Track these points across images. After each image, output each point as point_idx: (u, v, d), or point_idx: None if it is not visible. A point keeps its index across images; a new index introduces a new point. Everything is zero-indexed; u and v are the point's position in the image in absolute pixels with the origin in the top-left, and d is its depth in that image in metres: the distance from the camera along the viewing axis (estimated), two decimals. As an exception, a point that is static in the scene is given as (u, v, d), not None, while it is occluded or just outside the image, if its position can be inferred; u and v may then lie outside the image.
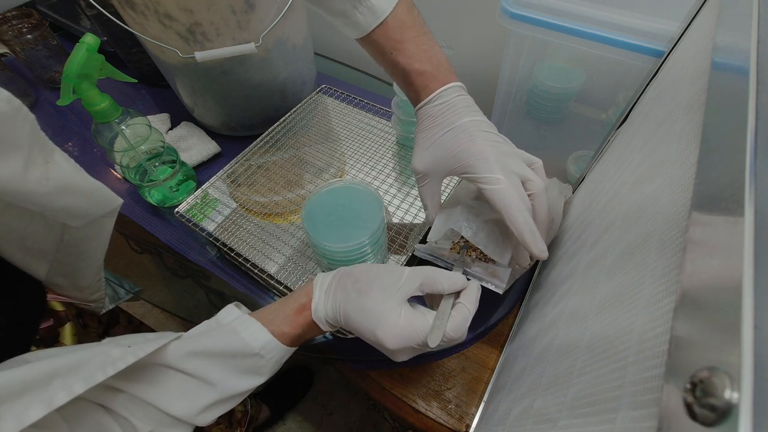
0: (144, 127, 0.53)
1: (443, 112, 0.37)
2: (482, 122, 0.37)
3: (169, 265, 0.55)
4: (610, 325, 0.21)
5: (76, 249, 0.40)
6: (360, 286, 0.32)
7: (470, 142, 0.35)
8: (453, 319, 0.31)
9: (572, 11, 0.42)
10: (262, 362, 0.31)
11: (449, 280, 0.33)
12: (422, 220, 0.53)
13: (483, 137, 0.35)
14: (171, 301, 0.52)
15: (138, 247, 0.57)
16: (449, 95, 0.37)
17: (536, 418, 0.26)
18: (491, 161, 0.34)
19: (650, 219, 0.22)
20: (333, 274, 0.34)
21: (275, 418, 1.02)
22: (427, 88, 0.38)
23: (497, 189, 0.33)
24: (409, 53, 0.38)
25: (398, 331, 0.30)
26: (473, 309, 0.32)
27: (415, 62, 0.38)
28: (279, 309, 0.33)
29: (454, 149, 0.36)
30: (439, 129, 0.37)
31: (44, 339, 0.41)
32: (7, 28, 0.70)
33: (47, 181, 0.28)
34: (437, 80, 0.38)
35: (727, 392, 0.10)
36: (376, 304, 0.31)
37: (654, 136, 0.29)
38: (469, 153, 0.35)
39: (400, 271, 0.32)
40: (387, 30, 0.38)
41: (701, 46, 0.27)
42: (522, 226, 0.33)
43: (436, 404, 0.43)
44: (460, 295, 0.33)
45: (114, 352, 0.26)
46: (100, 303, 0.49)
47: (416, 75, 0.38)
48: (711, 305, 0.12)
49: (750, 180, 0.13)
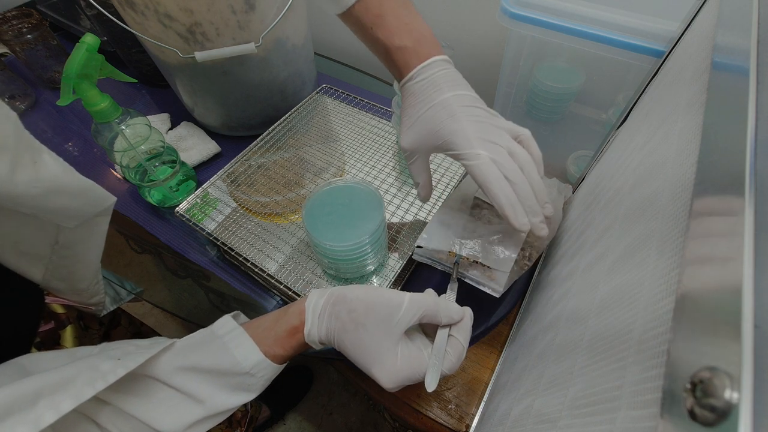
0: (144, 127, 0.53)
1: (425, 89, 0.36)
2: (464, 96, 0.36)
3: (169, 265, 0.55)
4: (610, 325, 0.21)
5: (71, 251, 0.39)
6: (355, 317, 0.30)
7: (450, 119, 0.35)
8: (449, 358, 0.31)
9: (572, 11, 0.42)
10: (252, 380, 0.31)
11: (447, 313, 0.32)
12: (422, 220, 0.53)
13: (464, 113, 0.35)
14: (171, 301, 0.52)
15: (138, 247, 0.57)
16: (430, 71, 0.37)
17: (536, 418, 0.26)
18: (470, 137, 0.34)
19: (650, 219, 0.22)
20: (327, 296, 0.32)
21: (275, 418, 1.02)
22: (408, 64, 0.37)
23: (476, 164, 0.33)
24: (389, 28, 0.37)
25: (395, 371, 0.29)
26: (467, 345, 0.32)
27: (395, 37, 0.37)
28: (271, 328, 0.32)
29: (435, 127, 0.36)
30: (421, 106, 0.36)
31: (45, 342, 0.41)
32: (7, 28, 0.70)
33: (37, 182, 0.28)
34: (418, 56, 0.37)
35: (727, 392, 0.10)
36: (372, 341, 0.30)
37: (654, 136, 0.29)
38: (449, 130, 0.35)
39: (398, 300, 0.31)
40: (367, 4, 0.37)
41: (701, 46, 0.27)
42: (501, 199, 0.33)
43: (436, 404, 0.43)
44: (455, 329, 0.32)
45: (103, 366, 0.25)
46: (100, 306, 0.48)
47: (396, 51, 0.37)
48: (711, 305, 0.12)
49: (750, 180, 0.13)
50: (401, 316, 0.30)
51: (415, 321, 0.30)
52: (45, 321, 0.43)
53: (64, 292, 0.44)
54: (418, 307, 0.30)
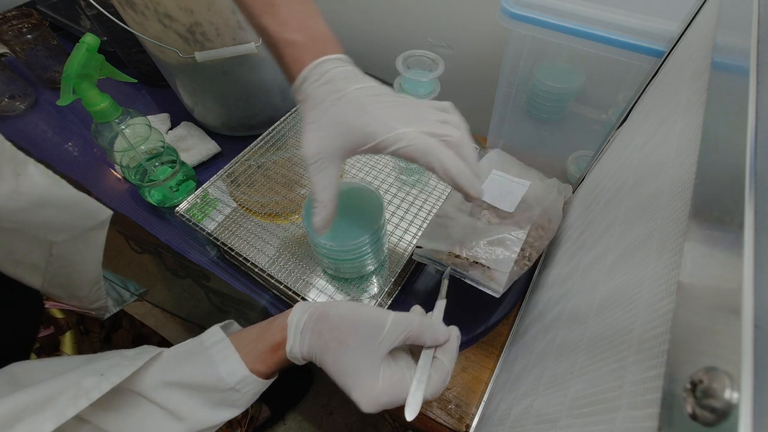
0: (144, 127, 0.53)
1: (323, 87, 0.32)
2: (371, 87, 0.32)
3: (169, 265, 0.55)
4: (610, 325, 0.21)
5: (68, 262, 0.38)
6: (337, 335, 0.29)
7: (362, 111, 0.31)
8: (432, 383, 0.29)
9: (572, 11, 0.42)
10: (237, 396, 0.30)
11: (432, 335, 0.30)
12: (422, 220, 0.53)
13: (375, 101, 0.31)
14: (171, 301, 0.52)
15: (138, 247, 0.57)
16: (326, 67, 0.32)
17: (536, 418, 0.26)
18: (390, 121, 0.30)
19: (650, 219, 0.22)
20: (310, 312, 0.31)
21: (275, 418, 1.02)
22: (299, 61, 0.33)
23: (406, 144, 0.30)
24: (280, 19, 0.33)
25: (375, 395, 0.28)
26: (452, 368, 0.30)
27: (285, 30, 0.33)
28: (254, 343, 0.31)
29: (344, 121, 0.31)
30: (323, 106, 0.32)
31: (44, 347, 0.41)
32: (7, 28, 0.70)
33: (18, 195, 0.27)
34: (310, 53, 0.33)
35: (727, 392, 0.10)
36: (353, 362, 0.28)
37: (654, 136, 0.29)
38: (362, 122, 0.30)
39: (381, 320, 0.29)
40: None
41: (701, 46, 0.27)
42: (451, 170, 0.30)
43: (436, 404, 0.43)
44: (440, 351, 0.31)
45: (86, 382, 0.24)
46: (102, 310, 0.48)
47: (285, 45, 0.33)
48: (711, 305, 0.12)
49: (750, 180, 0.13)
50: (384, 338, 0.28)
51: (398, 342, 0.29)
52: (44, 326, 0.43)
53: (64, 298, 0.43)
54: (402, 329, 0.29)
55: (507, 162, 0.52)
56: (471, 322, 0.47)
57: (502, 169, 0.50)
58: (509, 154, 0.54)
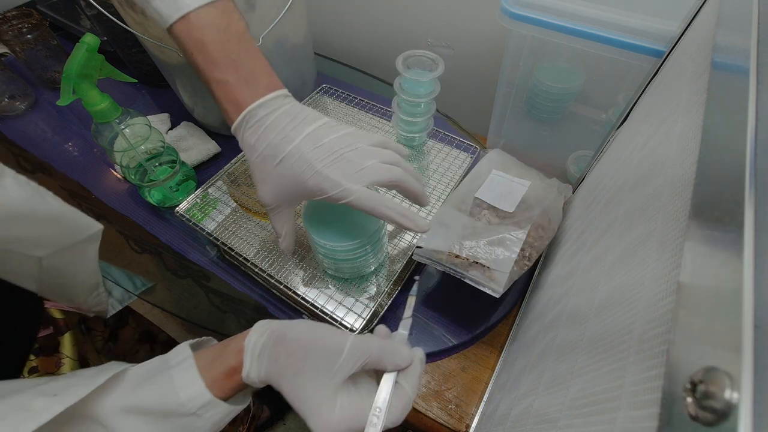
0: (144, 127, 0.53)
1: (266, 137, 0.33)
2: (315, 133, 0.33)
3: (169, 265, 0.55)
4: (610, 325, 0.21)
5: (61, 272, 0.37)
6: (293, 362, 0.28)
7: (312, 171, 0.32)
8: (393, 411, 0.28)
9: (572, 11, 0.42)
10: (200, 422, 0.28)
11: (393, 360, 0.29)
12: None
13: (320, 157, 0.32)
14: (171, 301, 0.52)
15: (138, 247, 0.57)
16: (266, 110, 0.33)
17: (536, 418, 0.26)
18: (337, 179, 0.32)
19: (650, 219, 0.22)
20: (268, 335, 0.29)
21: (275, 418, 1.02)
22: (234, 103, 0.33)
23: (354, 199, 0.32)
24: (211, 58, 0.33)
25: (331, 426, 0.27)
26: (414, 395, 0.29)
27: (216, 70, 0.33)
28: (209, 366, 0.29)
29: (296, 181, 0.33)
30: (270, 161, 0.33)
31: (44, 348, 0.40)
32: (7, 28, 0.70)
33: None
34: (244, 93, 0.33)
35: (727, 392, 0.10)
36: (309, 389, 0.27)
37: (654, 136, 0.29)
38: (312, 183, 0.32)
39: (338, 346, 0.28)
40: (189, 27, 0.33)
41: (701, 46, 0.27)
42: (394, 217, 0.33)
43: (436, 404, 0.43)
44: (402, 375, 0.30)
45: (36, 403, 0.23)
46: (103, 312, 0.48)
47: (216, 85, 0.33)
48: (711, 305, 0.12)
49: (750, 180, 0.13)
50: (340, 365, 0.27)
51: (356, 369, 0.28)
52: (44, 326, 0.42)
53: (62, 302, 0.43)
54: (360, 355, 0.28)
55: (507, 162, 0.52)
56: (471, 322, 0.47)
57: (502, 169, 0.50)
58: (509, 154, 0.54)
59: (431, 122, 0.59)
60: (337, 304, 0.47)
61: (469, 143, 0.62)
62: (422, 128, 0.58)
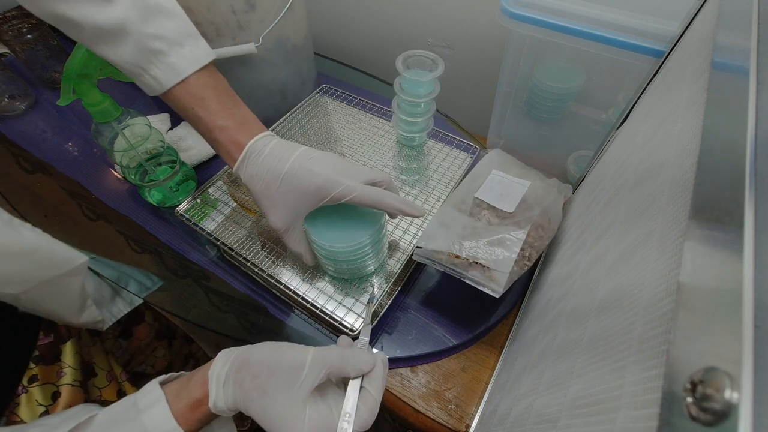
0: (144, 127, 0.53)
1: (267, 163, 0.37)
2: (305, 152, 0.38)
3: (169, 265, 0.55)
4: (610, 325, 0.21)
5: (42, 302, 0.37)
6: (259, 383, 0.29)
7: (311, 174, 0.36)
8: (360, 415, 0.29)
9: (572, 11, 0.42)
10: None
11: (355, 366, 0.30)
12: (423, 220, 0.53)
13: (316, 165, 0.37)
14: (171, 301, 0.52)
15: (138, 247, 0.57)
16: (261, 145, 0.38)
17: (536, 418, 0.26)
18: (337, 179, 0.36)
19: (650, 219, 0.22)
20: (231, 362, 0.30)
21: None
22: (237, 143, 0.38)
23: (356, 195, 0.36)
24: (211, 110, 0.38)
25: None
26: (380, 396, 0.30)
27: (218, 118, 0.38)
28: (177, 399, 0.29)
29: (301, 188, 0.36)
30: (273, 184, 0.37)
31: (45, 356, 0.40)
32: (7, 28, 0.70)
33: None
34: (241, 134, 0.38)
35: (727, 392, 0.10)
36: (276, 409, 0.28)
37: (654, 136, 0.29)
38: (316, 183, 0.36)
39: (300, 360, 0.29)
40: (189, 88, 0.37)
41: (701, 46, 0.27)
42: (398, 205, 0.37)
43: (436, 404, 0.43)
44: (366, 380, 0.31)
45: None
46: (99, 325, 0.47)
47: (219, 131, 0.38)
48: (711, 305, 0.12)
49: (750, 180, 0.13)
50: (304, 379, 0.28)
51: (321, 380, 0.29)
52: (44, 333, 0.42)
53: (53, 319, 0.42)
54: (322, 366, 0.29)
55: (507, 162, 0.52)
56: (471, 322, 0.47)
57: (502, 169, 0.50)
58: (509, 154, 0.54)
59: (431, 122, 0.59)
60: (337, 304, 0.47)
61: (469, 143, 0.62)
62: (422, 128, 0.58)
